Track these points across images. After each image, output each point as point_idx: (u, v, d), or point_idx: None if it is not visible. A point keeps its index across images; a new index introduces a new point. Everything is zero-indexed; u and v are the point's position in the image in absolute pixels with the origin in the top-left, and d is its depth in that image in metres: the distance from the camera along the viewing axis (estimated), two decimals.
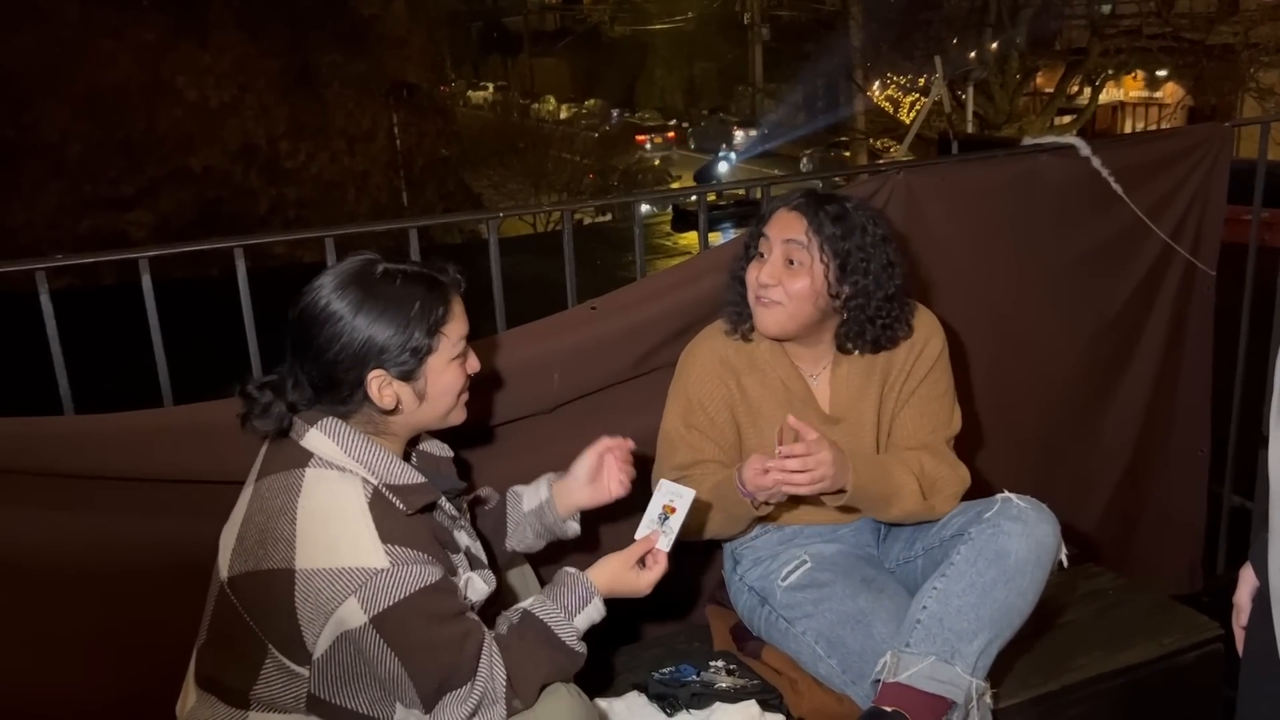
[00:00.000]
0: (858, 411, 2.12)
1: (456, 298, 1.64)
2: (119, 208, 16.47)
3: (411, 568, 1.48)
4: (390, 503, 1.54)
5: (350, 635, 1.47)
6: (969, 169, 2.66)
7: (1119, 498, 3.03)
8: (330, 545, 1.47)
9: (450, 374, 1.61)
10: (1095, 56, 16.53)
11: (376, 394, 1.56)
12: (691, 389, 2.10)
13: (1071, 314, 2.81)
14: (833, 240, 1.95)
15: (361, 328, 1.52)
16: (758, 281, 1.99)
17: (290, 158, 17.36)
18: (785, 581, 2.09)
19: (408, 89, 18.05)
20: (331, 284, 1.56)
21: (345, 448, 1.54)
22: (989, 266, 2.69)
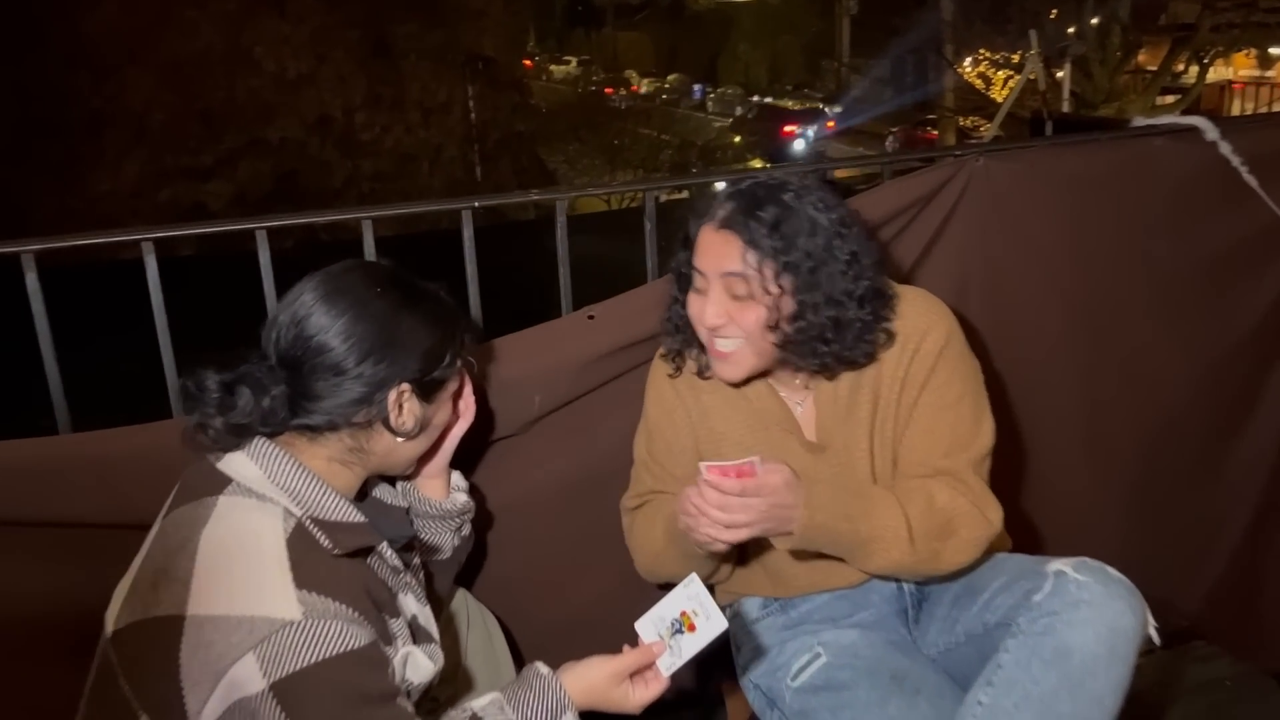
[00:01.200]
0: (846, 436, 1.71)
1: None
2: (198, 178, 16.63)
3: (331, 624, 1.18)
4: (315, 540, 1.25)
5: (245, 705, 1.14)
6: (1065, 154, 2.23)
7: (1242, 558, 2.54)
8: (232, 587, 1.19)
9: (448, 407, 1.48)
10: (1205, 32, 15.56)
11: (395, 409, 1.34)
12: (650, 409, 1.81)
13: (1190, 331, 2.36)
14: (774, 255, 1.54)
15: (413, 330, 1.36)
16: (703, 323, 1.61)
17: (366, 130, 17.31)
18: (795, 681, 1.70)
19: (484, 61, 17.83)
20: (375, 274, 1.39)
21: (270, 472, 1.27)
22: (1086, 271, 2.26)
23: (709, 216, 1.59)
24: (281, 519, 1.25)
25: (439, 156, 17.60)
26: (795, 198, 1.56)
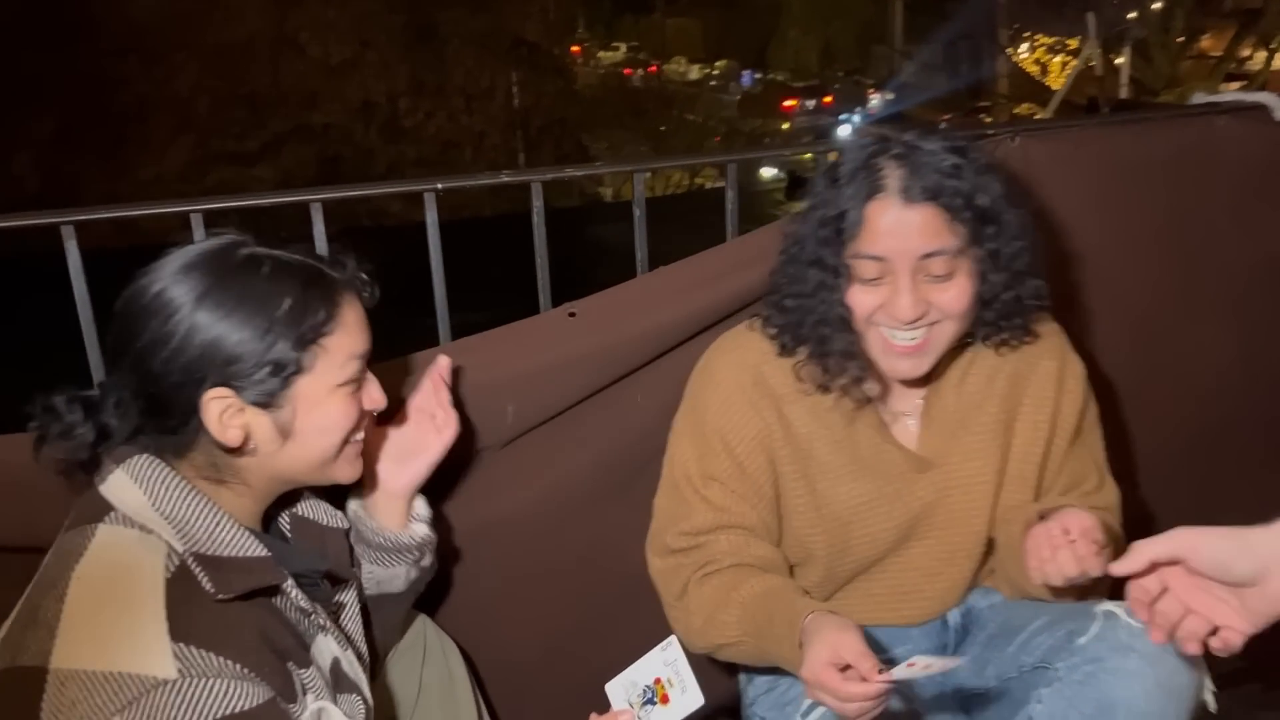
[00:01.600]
0: (962, 455, 1.49)
1: (351, 301, 1.20)
2: (244, 162, 16.68)
3: (212, 683, 1.01)
4: (198, 583, 1.08)
5: None
6: (1115, 135, 2.00)
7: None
8: (99, 637, 1.03)
9: (333, 406, 1.19)
10: (1273, 16, 14.95)
11: (217, 423, 1.12)
12: (711, 421, 1.49)
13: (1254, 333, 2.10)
14: (983, 220, 1.34)
15: (202, 327, 1.11)
16: (893, 318, 1.36)
17: (409, 116, 17.26)
18: (806, 719, 1.49)
19: (528, 47, 17.68)
20: (174, 266, 1.13)
21: (154, 497, 1.10)
22: (1137, 264, 2.02)
23: (876, 190, 1.33)
24: (164, 556, 1.08)
25: (482, 143, 17.50)
26: (964, 148, 1.36)
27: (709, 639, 1.48)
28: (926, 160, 1.33)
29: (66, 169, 15.46)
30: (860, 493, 1.49)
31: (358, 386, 1.22)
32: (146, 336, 1.12)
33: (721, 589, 1.46)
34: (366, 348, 1.22)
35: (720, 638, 1.46)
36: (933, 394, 1.52)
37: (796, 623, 1.30)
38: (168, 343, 1.11)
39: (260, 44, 16.47)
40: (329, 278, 1.19)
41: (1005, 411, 1.53)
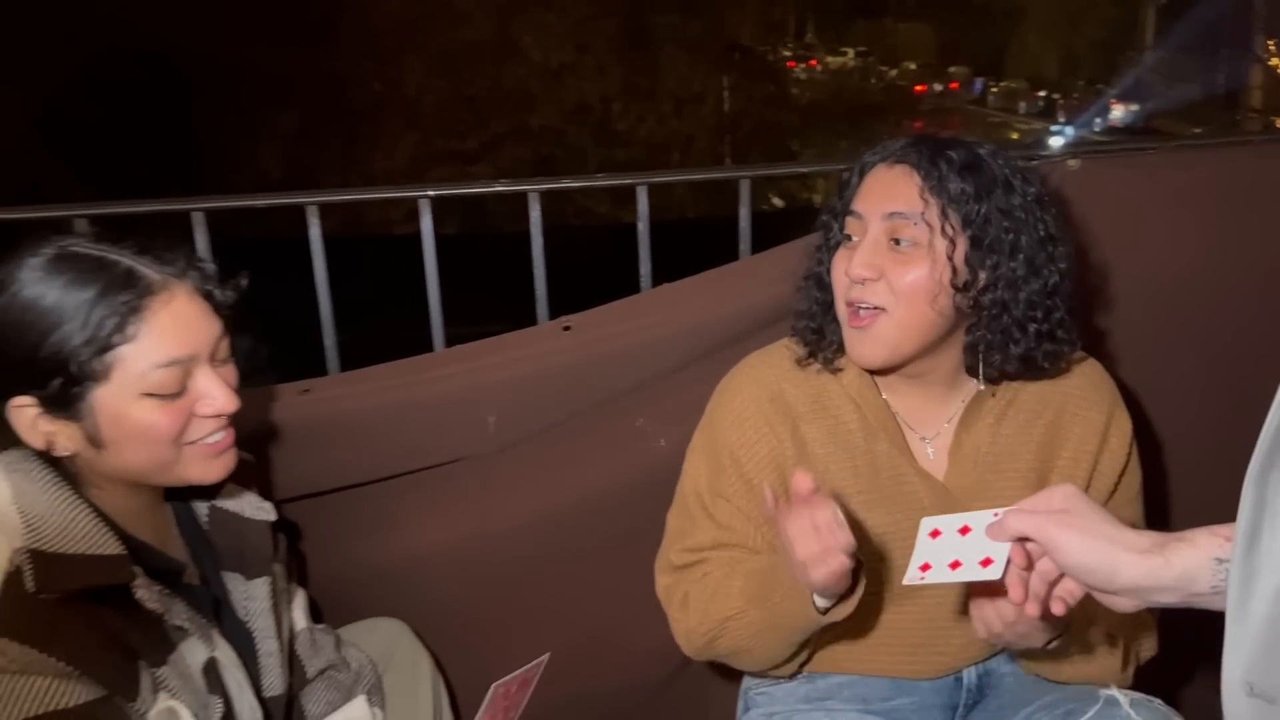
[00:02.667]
0: (989, 500, 1.30)
1: (170, 300, 1.11)
2: (464, 161, 17.59)
3: (33, 681, 0.99)
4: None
5: None
6: (1198, 160, 1.69)
7: None
8: None
9: (142, 413, 1.10)
10: None
11: (26, 429, 1.08)
12: (723, 438, 1.39)
13: None
14: (962, 200, 1.23)
15: (8, 325, 1.07)
16: (848, 275, 1.27)
17: (621, 119, 17.69)
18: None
19: (741, 52, 17.71)
20: (16, 257, 1.10)
21: (15, 495, 1.08)
22: (1218, 303, 1.72)
23: (881, 154, 1.31)
24: (5, 551, 1.05)
25: (689, 146, 17.68)
26: (989, 154, 1.29)
27: (713, 617, 1.34)
28: (932, 139, 1.29)
29: (306, 162, 16.82)
30: (876, 521, 1.34)
31: (179, 392, 1.13)
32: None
33: (722, 570, 1.36)
34: (188, 351, 1.12)
35: (725, 611, 1.33)
36: (963, 429, 1.35)
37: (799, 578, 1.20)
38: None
39: (484, 48, 17.31)
40: (138, 279, 1.11)
41: (1041, 461, 1.36)
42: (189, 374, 1.11)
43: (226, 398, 1.12)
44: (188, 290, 1.12)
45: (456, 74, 17.32)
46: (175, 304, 1.10)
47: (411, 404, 1.58)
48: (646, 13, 17.38)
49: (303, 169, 16.69)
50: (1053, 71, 31.11)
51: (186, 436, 1.12)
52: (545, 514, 1.70)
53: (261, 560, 1.30)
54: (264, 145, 16.75)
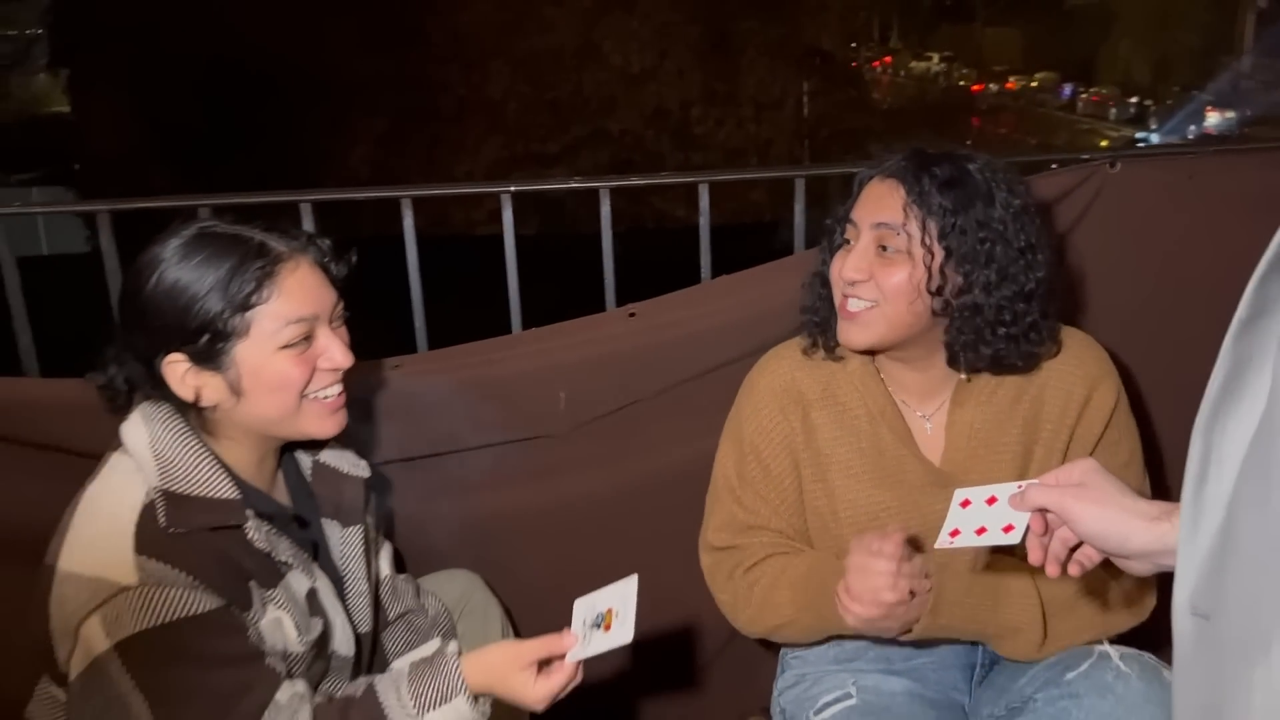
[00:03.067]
0: (986, 471, 1.46)
1: (296, 268, 1.28)
2: (544, 164, 17.83)
3: (168, 591, 1.17)
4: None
5: (98, 664, 1.17)
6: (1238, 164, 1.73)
7: None
8: (88, 546, 1.22)
9: (277, 366, 1.27)
10: None
11: (178, 382, 1.26)
12: (745, 426, 1.55)
13: None
14: (941, 214, 1.37)
15: (163, 293, 1.24)
16: (841, 276, 1.43)
17: (700, 124, 17.76)
18: (818, 716, 1.51)
19: (822, 57, 17.65)
20: (163, 237, 1.28)
21: (152, 440, 1.26)
22: None
23: (876, 168, 1.45)
24: (143, 487, 1.24)
25: (768, 151, 17.68)
26: (978, 169, 1.42)
27: (765, 623, 1.52)
28: (922, 155, 1.42)
29: (393, 163, 17.26)
30: (879, 500, 1.49)
31: (306, 348, 1.29)
32: (127, 308, 1.28)
33: (767, 576, 1.51)
34: (312, 311, 1.28)
35: (775, 619, 1.50)
36: (956, 407, 1.49)
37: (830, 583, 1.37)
38: (139, 314, 1.26)
39: (567, 53, 17.54)
40: (269, 250, 1.27)
41: (1026, 435, 1.48)
42: (313, 332, 1.28)
43: (344, 354, 1.31)
44: (309, 261, 1.30)
45: (540, 79, 17.57)
46: (300, 271, 1.28)
47: (489, 380, 1.75)
48: (727, 19, 17.43)
49: (389, 171, 17.14)
50: (1145, 77, 30.23)
51: (309, 389, 1.29)
52: (612, 487, 1.86)
53: (355, 511, 1.47)
54: (354, 148, 17.25)
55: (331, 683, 1.42)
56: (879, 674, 1.52)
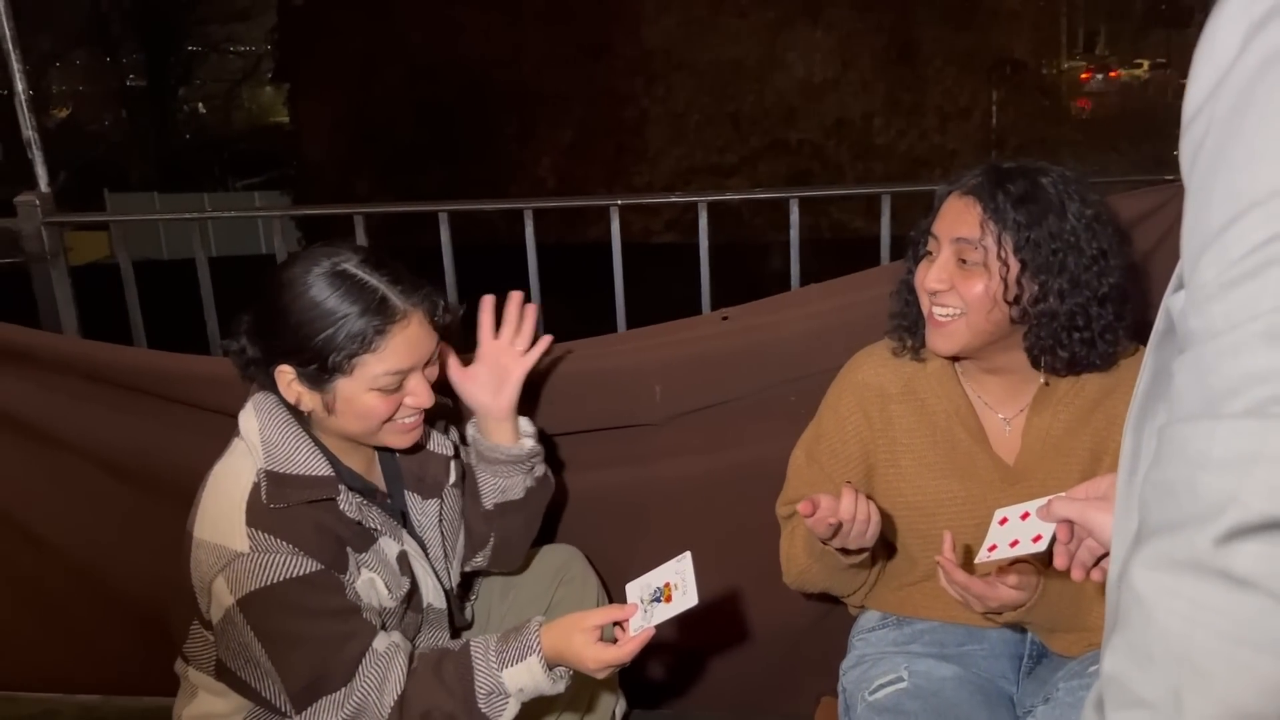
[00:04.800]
0: (1055, 472, 1.55)
1: (407, 326, 1.44)
2: (722, 174, 18.03)
3: (274, 556, 1.40)
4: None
5: (228, 614, 1.43)
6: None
7: None
8: (213, 518, 1.45)
9: (367, 401, 1.46)
10: None
11: (284, 386, 1.47)
12: (825, 413, 1.72)
13: None
14: (1016, 229, 1.45)
15: (291, 315, 1.42)
16: (924, 286, 1.54)
17: (881, 134, 17.50)
18: (871, 696, 1.62)
19: (1012, 65, 17.04)
20: (305, 261, 1.46)
21: (261, 427, 1.48)
22: None
23: (958, 183, 1.55)
24: (253, 469, 1.45)
25: (952, 162, 17.20)
26: (1051, 182, 1.50)
27: (791, 573, 1.71)
28: (998, 171, 1.50)
29: (577, 174, 17.89)
30: (947, 489, 1.59)
31: (396, 392, 1.46)
32: (265, 310, 1.46)
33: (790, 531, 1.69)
34: (409, 365, 1.44)
35: (796, 568, 1.68)
36: (1034, 414, 1.57)
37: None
38: (273, 319, 1.43)
39: (750, 64, 17.66)
40: (388, 307, 1.41)
41: (1096, 443, 1.55)
42: (405, 379, 1.47)
43: (426, 396, 1.49)
44: (420, 317, 1.46)
45: (721, 90, 17.76)
46: (410, 329, 1.44)
47: (593, 371, 1.92)
48: (914, 28, 17.10)
49: (573, 180, 17.78)
50: None
51: (392, 420, 1.49)
52: (702, 476, 1.99)
53: (436, 485, 1.65)
54: (542, 158, 17.98)
55: (429, 633, 1.63)
56: (932, 659, 1.61)
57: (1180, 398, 0.66)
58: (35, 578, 2.21)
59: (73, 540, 2.16)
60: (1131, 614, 0.67)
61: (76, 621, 2.23)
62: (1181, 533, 0.63)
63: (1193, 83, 0.69)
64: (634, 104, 18.05)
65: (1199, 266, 0.65)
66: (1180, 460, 0.64)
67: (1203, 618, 0.62)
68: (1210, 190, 0.66)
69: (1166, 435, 0.67)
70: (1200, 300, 0.64)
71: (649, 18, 17.54)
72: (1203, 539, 0.61)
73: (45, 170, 2.26)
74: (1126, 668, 0.67)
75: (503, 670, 1.43)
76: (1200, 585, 0.62)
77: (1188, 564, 0.63)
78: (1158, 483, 0.67)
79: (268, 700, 1.47)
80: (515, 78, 17.83)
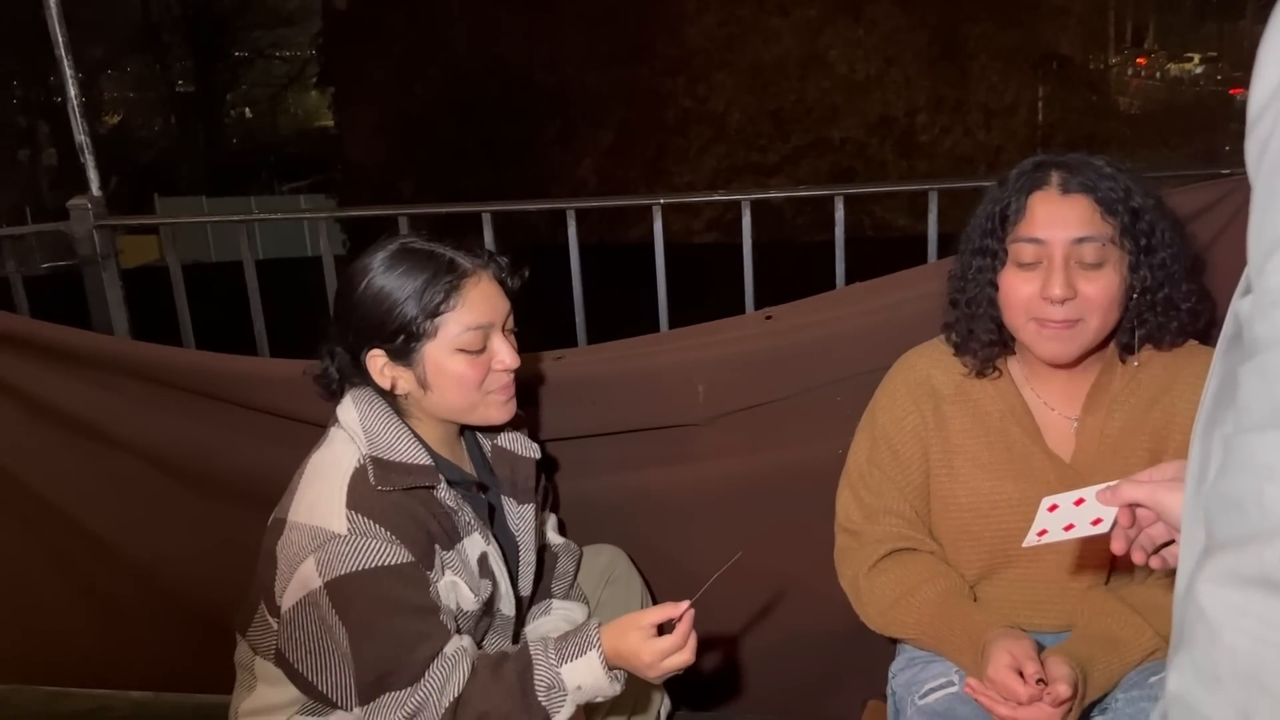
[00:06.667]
0: (1113, 472, 1.46)
1: (478, 282, 1.49)
2: (763, 173, 17.97)
3: (370, 541, 1.41)
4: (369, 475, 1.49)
5: (309, 598, 1.43)
6: None
7: None
8: (311, 502, 1.46)
9: (456, 364, 1.49)
10: None
11: (377, 373, 1.50)
12: (879, 415, 1.66)
13: None
14: (1130, 217, 1.41)
15: (368, 298, 1.48)
16: (1042, 298, 1.45)
17: (925, 131, 17.35)
18: (922, 700, 1.58)
19: (1059, 61, 16.80)
20: (369, 253, 1.52)
21: (361, 417, 1.51)
22: None
23: (1039, 184, 1.46)
24: (356, 454, 1.49)
25: (997, 159, 17.01)
26: (1106, 164, 1.47)
27: (887, 630, 1.64)
28: (1085, 165, 1.45)
29: (618, 174, 17.93)
30: (1003, 490, 1.55)
31: (481, 350, 1.49)
32: (341, 308, 1.51)
33: (893, 586, 1.59)
34: (488, 320, 1.49)
35: (898, 632, 1.62)
36: (1088, 413, 1.52)
37: (978, 637, 1.46)
38: (351, 313, 1.48)
39: (791, 62, 17.58)
40: (457, 266, 1.47)
41: (1155, 443, 1.50)
42: (488, 338, 1.50)
43: (513, 357, 1.53)
44: (489, 276, 1.51)
45: (763, 89, 17.71)
46: (482, 285, 1.49)
47: (637, 371, 1.91)
48: (958, 24, 16.92)
49: (615, 181, 17.83)
50: None
51: (485, 386, 1.52)
52: (746, 475, 1.97)
53: (529, 489, 1.68)
54: (584, 159, 18.04)
55: (494, 640, 1.63)
56: None
57: (1247, 406, 0.64)
58: (90, 576, 2.25)
59: (127, 539, 2.19)
60: (1197, 631, 0.64)
61: (130, 619, 2.27)
62: (1249, 547, 0.60)
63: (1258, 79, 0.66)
64: (675, 104, 18.05)
65: (1265, 270, 0.62)
66: (1247, 472, 0.62)
67: (1273, 636, 0.59)
68: (1277, 190, 0.63)
69: (1233, 445, 0.64)
70: (1266, 305, 0.62)
71: (689, 17, 17.53)
72: (1272, 554, 0.59)
73: (96, 174, 2.30)
74: (1192, 688, 0.65)
75: (562, 666, 1.43)
76: (1269, 602, 0.59)
77: (1256, 580, 0.60)
78: (1224, 495, 0.64)
79: (322, 694, 1.47)
80: (556, 79, 17.91)
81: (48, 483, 2.19)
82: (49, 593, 2.28)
